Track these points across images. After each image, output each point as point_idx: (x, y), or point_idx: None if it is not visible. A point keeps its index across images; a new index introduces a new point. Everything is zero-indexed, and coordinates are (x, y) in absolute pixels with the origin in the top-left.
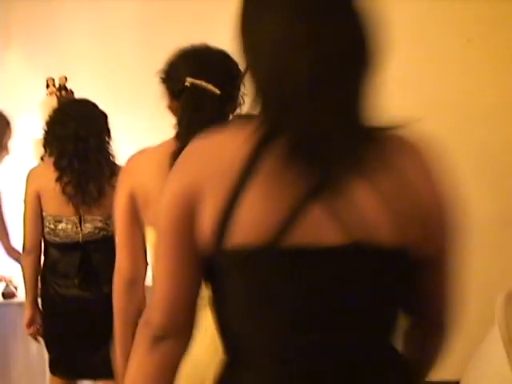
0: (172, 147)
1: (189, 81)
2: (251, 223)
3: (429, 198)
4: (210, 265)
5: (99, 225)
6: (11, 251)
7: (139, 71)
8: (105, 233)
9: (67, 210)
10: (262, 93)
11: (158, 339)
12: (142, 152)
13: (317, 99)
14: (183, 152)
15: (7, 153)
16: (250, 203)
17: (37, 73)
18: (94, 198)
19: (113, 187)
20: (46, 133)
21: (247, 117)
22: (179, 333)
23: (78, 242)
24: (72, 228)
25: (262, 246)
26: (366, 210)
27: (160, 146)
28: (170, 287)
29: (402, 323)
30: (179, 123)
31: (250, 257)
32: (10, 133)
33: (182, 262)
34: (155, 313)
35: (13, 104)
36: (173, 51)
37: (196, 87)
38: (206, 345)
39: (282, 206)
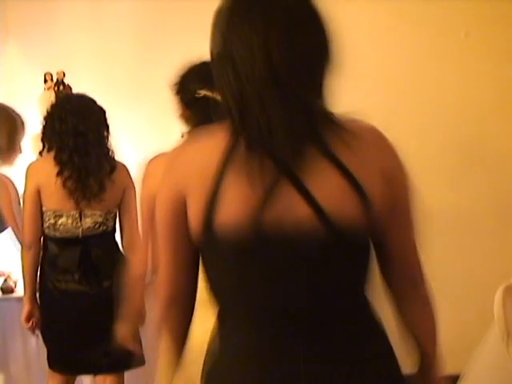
0: None
1: (201, 92)
2: (230, 210)
3: (386, 174)
4: (199, 248)
5: (99, 220)
6: None
7: (137, 66)
8: (104, 228)
9: (67, 205)
10: (229, 103)
11: (163, 309)
12: (161, 156)
13: (265, 105)
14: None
15: (20, 152)
16: (229, 193)
17: (35, 68)
18: (95, 193)
19: (113, 182)
20: (45, 128)
21: (220, 121)
22: (179, 303)
23: (77, 237)
24: (72, 223)
25: (242, 229)
26: (334, 190)
27: None
28: (171, 271)
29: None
30: (194, 130)
31: (233, 238)
32: (23, 132)
33: (179, 250)
34: (161, 290)
35: (10, 99)
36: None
37: (207, 97)
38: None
39: (256, 193)
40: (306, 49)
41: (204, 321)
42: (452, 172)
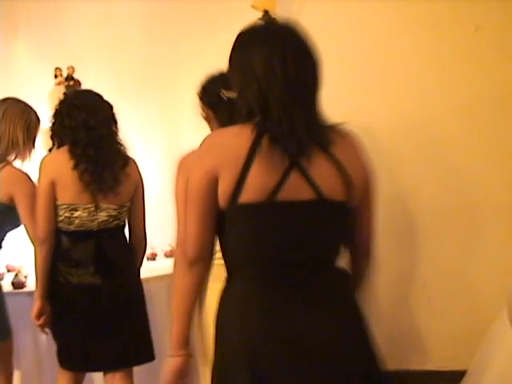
0: None
1: (225, 94)
2: (254, 188)
3: (361, 168)
4: (222, 216)
5: (113, 213)
6: None
7: (146, 61)
8: (117, 222)
9: (83, 198)
10: (253, 107)
11: (191, 264)
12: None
13: (286, 110)
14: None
15: (34, 148)
16: (253, 176)
17: (44, 63)
18: (110, 186)
19: (127, 176)
20: (53, 125)
21: (246, 120)
22: (204, 259)
23: (91, 231)
24: (88, 216)
25: (261, 202)
26: (327, 176)
27: None
28: (199, 232)
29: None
30: (222, 127)
31: (254, 209)
32: (39, 127)
33: (206, 216)
34: (189, 248)
35: (20, 94)
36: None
37: (230, 99)
38: None
39: (273, 177)
40: (310, 67)
41: (216, 293)
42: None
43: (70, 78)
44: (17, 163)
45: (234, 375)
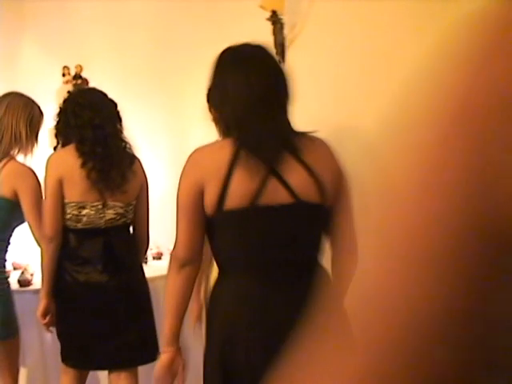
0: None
1: None
2: (237, 195)
3: (332, 170)
4: (210, 222)
5: (120, 211)
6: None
7: (154, 59)
8: (124, 219)
9: (90, 196)
10: (230, 123)
11: (181, 266)
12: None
13: (260, 124)
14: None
15: (37, 143)
16: (234, 185)
17: (52, 62)
18: (118, 184)
19: (134, 173)
20: (58, 123)
21: (227, 135)
22: (193, 262)
23: (99, 228)
24: (96, 214)
25: (244, 207)
26: (300, 180)
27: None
28: (188, 237)
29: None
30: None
31: (238, 214)
32: (42, 122)
33: (195, 222)
34: (180, 251)
35: (28, 93)
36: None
37: None
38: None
39: (253, 184)
40: (279, 83)
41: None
42: None
43: (77, 76)
44: (20, 158)
45: (212, 356)
